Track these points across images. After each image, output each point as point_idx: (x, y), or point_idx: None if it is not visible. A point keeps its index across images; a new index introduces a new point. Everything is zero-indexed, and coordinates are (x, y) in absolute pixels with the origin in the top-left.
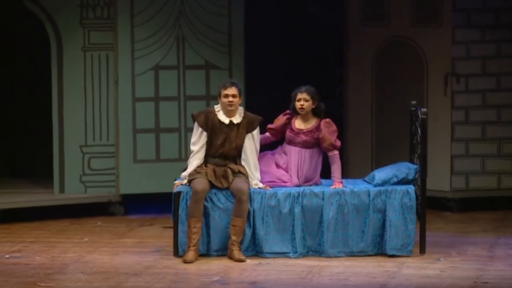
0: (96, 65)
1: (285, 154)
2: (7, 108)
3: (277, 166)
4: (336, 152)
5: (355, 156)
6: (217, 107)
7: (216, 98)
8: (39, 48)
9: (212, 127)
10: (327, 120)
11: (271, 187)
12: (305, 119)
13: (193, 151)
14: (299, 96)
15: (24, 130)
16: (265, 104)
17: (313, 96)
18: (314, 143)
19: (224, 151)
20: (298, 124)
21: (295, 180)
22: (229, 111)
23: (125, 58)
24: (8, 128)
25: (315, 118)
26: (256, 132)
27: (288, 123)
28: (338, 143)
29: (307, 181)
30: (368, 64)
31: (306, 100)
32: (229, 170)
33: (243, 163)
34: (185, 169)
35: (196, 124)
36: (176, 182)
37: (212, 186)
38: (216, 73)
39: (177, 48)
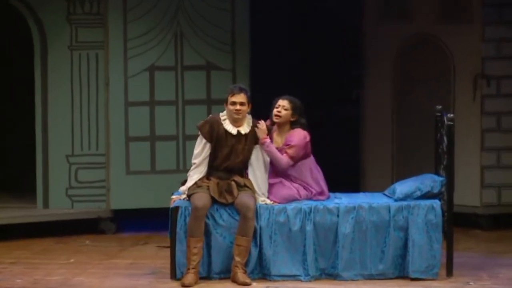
0: (85, 66)
1: None
2: None
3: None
4: (286, 158)
5: (373, 167)
6: (223, 115)
7: (218, 103)
8: (25, 50)
9: (217, 138)
10: (298, 129)
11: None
12: (282, 133)
13: (194, 164)
14: (279, 102)
15: (13, 138)
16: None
17: (294, 107)
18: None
19: (229, 164)
20: (274, 139)
21: (304, 193)
22: (235, 120)
23: (116, 58)
24: None
25: (289, 130)
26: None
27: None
28: (293, 151)
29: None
30: (388, 64)
31: (285, 109)
32: (233, 184)
33: (250, 177)
34: (184, 182)
35: (200, 135)
36: (174, 197)
37: (214, 201)
38: (218, 75)
39: (174, 46)
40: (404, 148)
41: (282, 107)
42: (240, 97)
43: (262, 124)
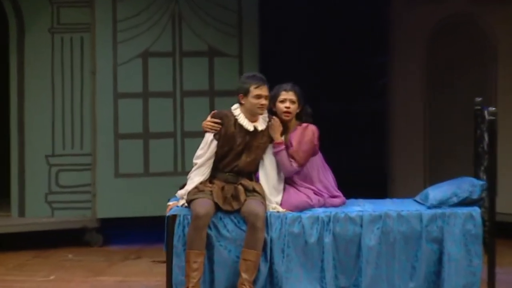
0: (68, 52)
1: None
2: None
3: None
4: (295, 164)
5: (402, 169)
6: (236, 109)
7: (222, 94)
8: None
9: (227, 135)
10: (305, 125)
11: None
12: (286, 128)
13: (195, 164)
14: (284, 95)
15: None
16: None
17: (300, 97)
18: None
19: (238, 164)
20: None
21: (315, 198)
22: (255, 115)
23: (104, 42)
24: None
25: (295, 124)
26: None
27: None
28: (301, 157)
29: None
30: (418, 51)
31: (293, 102)
32: (240, 188)
33: (261, 179)
34: (183, 186)
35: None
36: (170, 203)
37: (217, 208)
38: (222, 62)
39: (172, 29)
40: (438, 147)
41: (290, 101)
42: (266, 90)
43: (276, 121)
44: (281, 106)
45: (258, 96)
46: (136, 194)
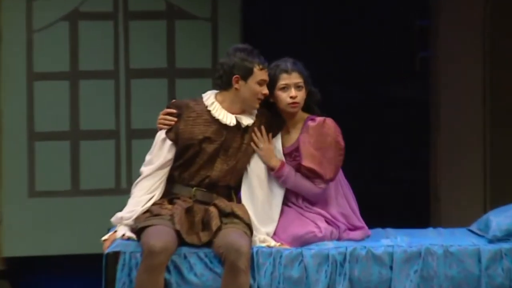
0: None
1: None
2: None
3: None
4: (322, 185)
5: (453, 185)
6: (209, 97)
7: (186, 74)
8: None
9: (185, 132)
10: (320, 120)
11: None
12: (291, 123)
13: (141, 173)
14: (286, 79)
15: None
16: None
17: (306, 78)
18: None
19: (211, 175)
20: (282, 135)
21: (326, 228)
22: (243, 107)
23: None
24: None
25: (302, 117)
26: (277, 141)
27: None
28: (329, 169)
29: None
30: (475, 12)
31: (299, 87)
32: (213, 210)
33: (243, 200)
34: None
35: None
36: (107, 236)
37: (180, 241)
38: (186, 28)
39: None
40: (504, 154)
41: (295, 86)
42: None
43: (264, 140)
44: (284, 96)
45: (262, 82)
46: (61, 222)
